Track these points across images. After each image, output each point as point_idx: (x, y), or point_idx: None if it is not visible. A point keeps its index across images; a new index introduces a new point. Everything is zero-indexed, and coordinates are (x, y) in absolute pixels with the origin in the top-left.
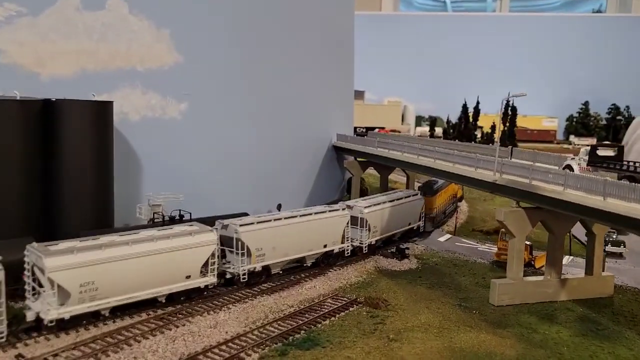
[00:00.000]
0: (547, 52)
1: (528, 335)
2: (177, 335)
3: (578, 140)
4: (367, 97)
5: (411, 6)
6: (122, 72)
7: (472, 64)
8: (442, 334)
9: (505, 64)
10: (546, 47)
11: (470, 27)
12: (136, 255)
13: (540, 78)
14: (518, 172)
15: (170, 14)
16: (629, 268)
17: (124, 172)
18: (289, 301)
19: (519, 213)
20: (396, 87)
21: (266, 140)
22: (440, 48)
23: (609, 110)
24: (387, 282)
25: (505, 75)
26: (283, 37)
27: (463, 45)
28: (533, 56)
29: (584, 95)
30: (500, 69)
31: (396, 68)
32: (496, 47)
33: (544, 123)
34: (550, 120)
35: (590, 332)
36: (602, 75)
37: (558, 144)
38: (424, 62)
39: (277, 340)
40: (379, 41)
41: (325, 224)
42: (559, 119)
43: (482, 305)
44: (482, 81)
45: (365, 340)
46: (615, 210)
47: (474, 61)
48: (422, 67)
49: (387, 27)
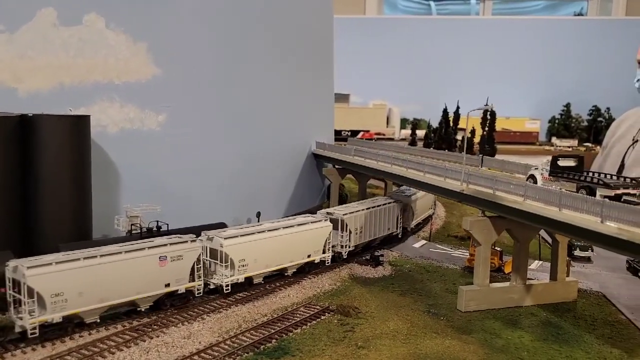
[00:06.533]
0: (529, 54)
1: (491, 341)
2: (151, 346)
3: (559, 142)
4: (353, 100)
5: (396, 9)
6: (100, 86)
7: (457, 67)
8: (409, 340)
9: (488, 66)
10: (529, 50)
11: (455, 30)
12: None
13: (523, 80)
14: (483, 183)
15: (147, 27)
16: (595, 272)
17: (102, 184)
18: (263, 310)
19: (484, 222)
20: (381, 89)
21: (245, 149)
22: (425, 51)
23: (590, 112)
24: (360, 289)
25: (489, 78)
26: (261, 45)
27: (447, 48)
28: (516, 59)
29: (566, 97)
30: (484, 71)
31: (381, 71)
32: (480, 50)
33: (527, 125)
34: (533, 122)
35: (551, 336)
36: (583, 77)
37: (540, 145)
38: (409, 64)
39: (248, 350)
40: (363, 44)
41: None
42: (542, 121)
43: (450, 311)
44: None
45: (334, 348)
46: (570, 220)
47: (458, 64)
48: (407, 70)
49: (371, 30)
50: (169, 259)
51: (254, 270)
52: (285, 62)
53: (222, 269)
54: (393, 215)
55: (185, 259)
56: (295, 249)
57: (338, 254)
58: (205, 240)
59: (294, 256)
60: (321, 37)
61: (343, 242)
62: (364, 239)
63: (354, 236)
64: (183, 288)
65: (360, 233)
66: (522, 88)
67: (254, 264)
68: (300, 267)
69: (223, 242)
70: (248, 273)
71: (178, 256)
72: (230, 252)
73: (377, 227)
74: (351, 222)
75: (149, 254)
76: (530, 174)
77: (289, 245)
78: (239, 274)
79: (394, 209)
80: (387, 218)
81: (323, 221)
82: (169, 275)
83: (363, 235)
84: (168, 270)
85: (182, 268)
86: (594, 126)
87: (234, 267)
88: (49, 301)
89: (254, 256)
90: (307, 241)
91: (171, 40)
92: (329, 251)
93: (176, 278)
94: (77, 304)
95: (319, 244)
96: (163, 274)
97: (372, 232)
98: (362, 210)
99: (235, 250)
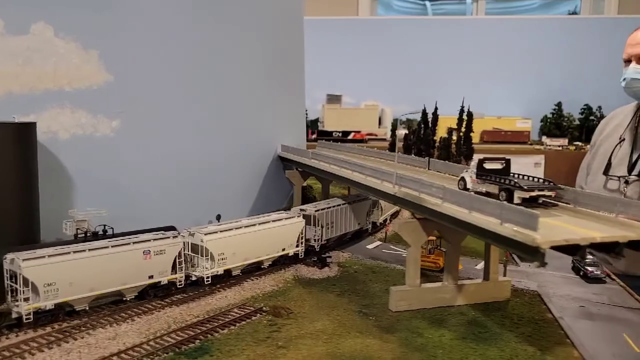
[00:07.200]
0: (521, 54)
1: (411, 340)
2: (74, 347)
3: (550, 141)
4: (346, 101)
5: (390, 9)
6: (50, 93)
7: (449, 67)
8: (331, 340)
9: (481, 66)
10: (521, 49)
11: (447, 30)
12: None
13: (515, 80)
14: (411, 186)
15: (99, 34)
16: (538, 272)
17: (53, 190)
18: (196, 311)
19: (413, 224)
20: (375, 90)
21: (207, 152)
22: (418, 51)
23: (581, 111)
24: (300, 290)
25: (481, 77)
26: (224, 48)
27: (440, 49)
28: (508, 58)
29: (558, 96)
30: (476, 71)
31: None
32: (472, 50)
33: (518, 124)
34: (524, 121)
35: (472, 335)
36: (575, 76)
37: (531, 144)
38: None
39: (169, 350)
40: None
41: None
42: (534, 120)
43: (382, 311)
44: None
45: (253, 348)
46: (477, 222)
47: (451, 64)
48: (400, 71)
49: (364, 31)
50: (152, 253)
51: (232, 263)
52: (252, 65)
53: (203, 262)
54: (363, 211)
55: (167, 253)
56: (271, 243)
57: (311, 247)
58: (187, 236)
59: (269, 250)
60: (291, 41)
61: (316, 236)
62: (335, 233)
63: (325, 231)
64: (165, 280)
65: (332, 228)
66: (514, 87)
67: (233, 257)
68: (275, 259)
69: (203, 238)
70: (227, 266)
71: (161, 250)
72: (210, 247)
73: (348, 223)
74: (322, 218)
75: (133, 249)
76: (462, 177)
77: (264, 240)
78: (218, 267)
79: (363, 205)
80: (356, 214)
81: (296, 217)
82: (152, 268)
83: (334, 230)
84: (151, 264)
85: (164, 261)
86: (585, 125)
87: (214, 261)
88: (42, 290)
89: (232, 250)
90: (282, 236)
91: (124, 47)
92: (302, 245)
93: (159, 270)
94: (67, 293)
95: (293, 238)
96: (147, 266)
97: (343, 227)
98: (333, 207)
99: (214, 244)
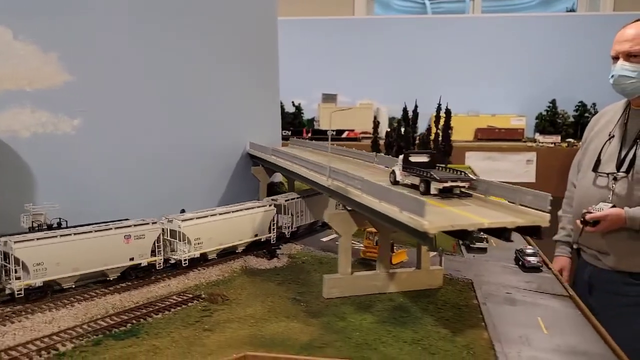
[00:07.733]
0: (517, 51)
1: (333, 324)
2: (9, 330)
3: (542, 138)
4: (341, 99)
5: (389, 8)
6: (9, 94)
7: (445, 65)
8: (257, 324)
9: (476, 64)
10: (516, 47)
11: (444, 28)
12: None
13: (510, 77)
14: (341, 178)
15: (59, 36)
16: (480, 262)
17: (13, 186)
18: (136, 298)
19: (343, 214)
20: (371, 89)
21: (173, 148)
22: (414, 50)
23: (576, 108)
24: (243, 279)
25: (476, 75)
26: (193, 45)
27: (436, 47)
28: (504, 56)
29: (553, 94)
30: (471, 69)
31: (371, 71)
32: (469, 48)
33: (512, 122)
34: (519, 118)
35: (392, 319)
36: (569, 73)
37: (525, 141)
38: (398, 64)
39: (99, 333)
40: (354, 45)
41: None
42: (528, 117)
43: (315, 298)
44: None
45: (180, 331)
46: (384, 211)
47: (447, 62)
48: (396, 69)
49: (360, 30)
50: (132, 237)
51: (208, 247)
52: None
53: (181, 247)
54: (331, 200)
55: (147, 238)
56: (244, 229)
57: (282, 234)
58: (166, 223)
59: (243, 235)
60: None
61: (287, 224)
62: (305, 221)
63: (295, 219)
64: (145, 262)
65: (301, 216)
66: (510, 85)
67: (208, 242)
68: (249, 244)
69: (181, 224)
70: (203, 250)
71: (141, 235)
72: (187, 232)
73: (316, 211)
74: (292, 207)
75: (115, 233)
76: (392, 170)
77: (238, 226)
78: (195, 251)
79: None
80: (325, 203)
81: (268, 206)
82: (133, 250)
83: (304, 218)
84: (132, 247)
85: (144, 245)
86: (580, 122)
87: (191, 245)
88: (32, 269)
89: (208, 235)
90: (254, 223)
91: (85, 47)
92: (274, 231)
93: (139, 253)
94: (54, 272)
95: (265, 225)
96: (128, 249)
97: (312, 216)
98: (302, 197)
99: (191, 230)
